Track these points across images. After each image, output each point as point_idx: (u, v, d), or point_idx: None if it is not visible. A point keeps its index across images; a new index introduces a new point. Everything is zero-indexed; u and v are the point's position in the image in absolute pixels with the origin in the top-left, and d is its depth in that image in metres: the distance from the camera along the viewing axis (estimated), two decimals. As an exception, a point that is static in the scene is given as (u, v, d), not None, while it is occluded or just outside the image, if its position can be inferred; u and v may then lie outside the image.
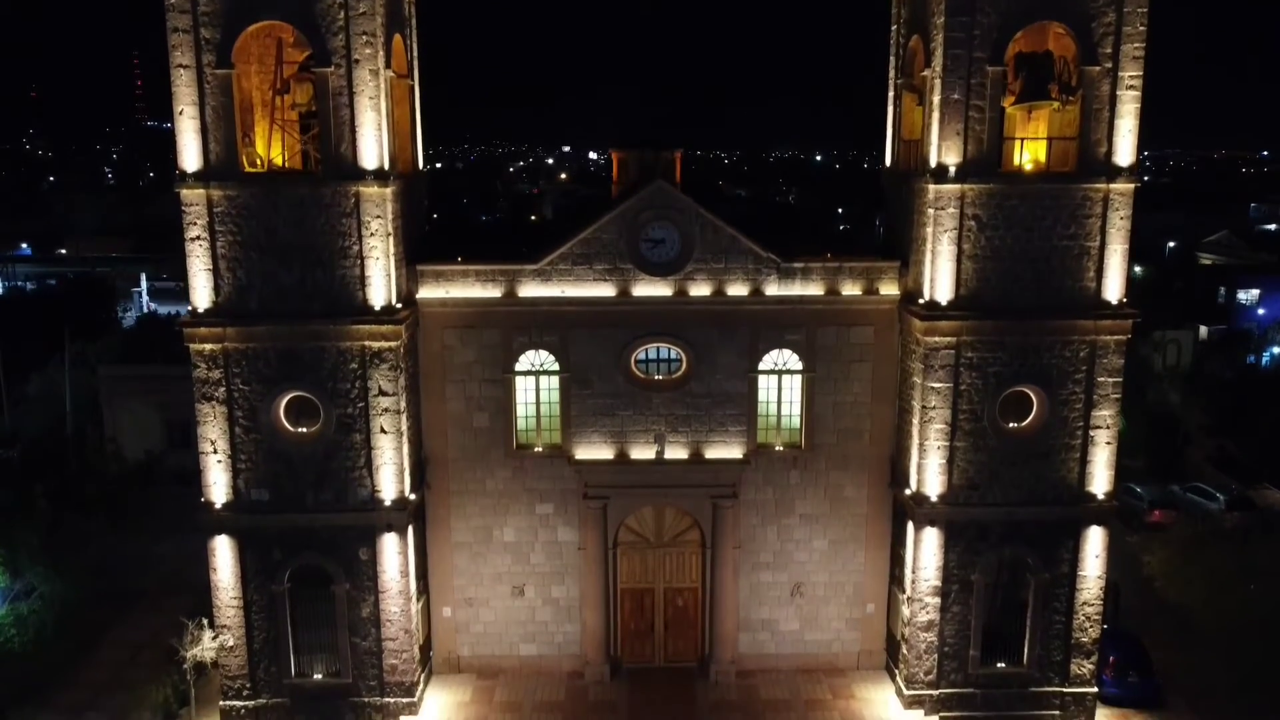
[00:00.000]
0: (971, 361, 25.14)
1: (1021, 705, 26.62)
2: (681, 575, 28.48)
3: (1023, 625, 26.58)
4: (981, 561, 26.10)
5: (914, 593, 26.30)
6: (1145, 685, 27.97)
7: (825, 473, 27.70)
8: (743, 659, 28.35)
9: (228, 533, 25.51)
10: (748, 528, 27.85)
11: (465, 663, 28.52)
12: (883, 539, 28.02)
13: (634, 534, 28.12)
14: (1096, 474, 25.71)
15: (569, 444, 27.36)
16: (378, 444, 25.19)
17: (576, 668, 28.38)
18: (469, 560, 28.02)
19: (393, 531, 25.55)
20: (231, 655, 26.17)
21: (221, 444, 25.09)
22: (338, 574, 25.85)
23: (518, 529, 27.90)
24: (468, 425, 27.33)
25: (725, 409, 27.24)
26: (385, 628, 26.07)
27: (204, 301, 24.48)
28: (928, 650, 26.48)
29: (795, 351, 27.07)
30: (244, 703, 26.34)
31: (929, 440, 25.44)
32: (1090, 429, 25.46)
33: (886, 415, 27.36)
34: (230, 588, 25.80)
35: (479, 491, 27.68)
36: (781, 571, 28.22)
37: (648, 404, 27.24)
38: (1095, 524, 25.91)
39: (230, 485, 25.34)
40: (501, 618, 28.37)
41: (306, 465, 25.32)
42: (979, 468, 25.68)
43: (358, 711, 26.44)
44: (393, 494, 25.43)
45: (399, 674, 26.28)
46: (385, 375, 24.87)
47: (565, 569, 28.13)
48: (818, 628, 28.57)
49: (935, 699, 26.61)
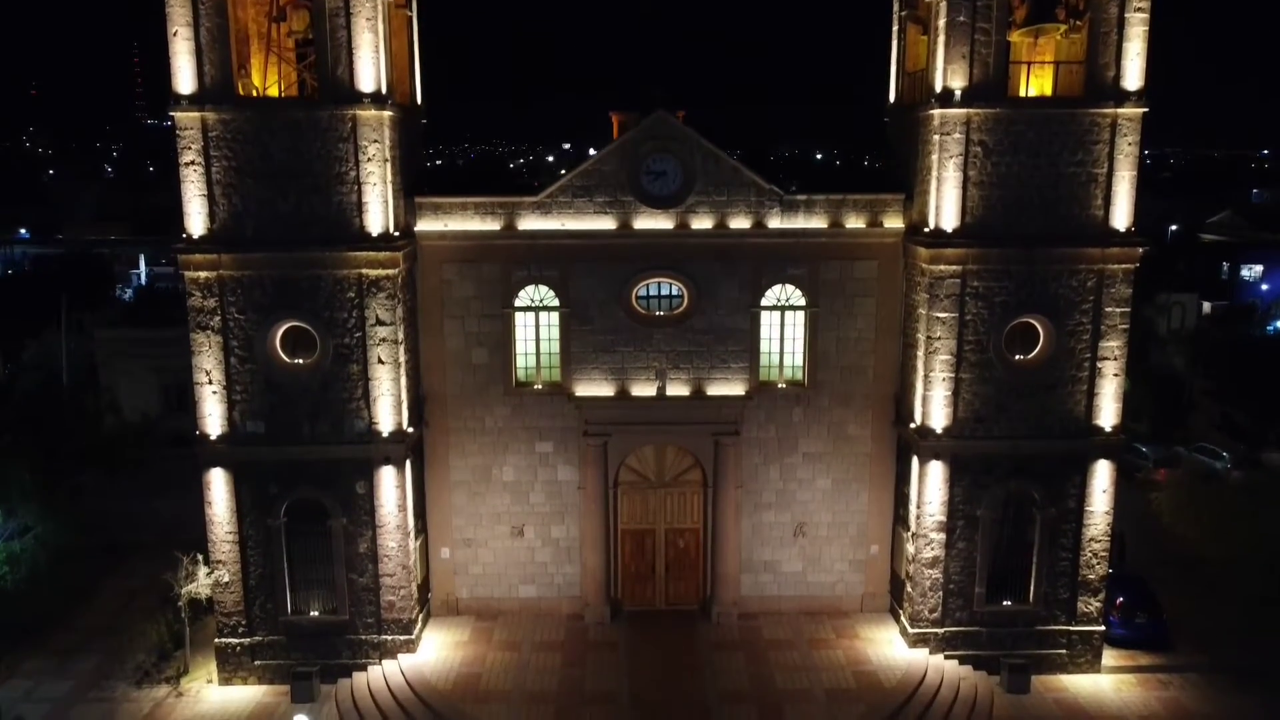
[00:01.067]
0: (977, 291, 24.78)
1: (1028, 644, 26.23)
2: (683, 516, 28.12)
3: (1029, 562, 26.21)
4: (987, 497, 25.73)
5: (919, 528, 25.94)
6: (1153, 626, 27.64)
7: (828, 410, 27.35)
8: (745, 601, 27.99)
9: (223, 466, 25.14)
10: (750, 467, 27.50)
11: (464, 605, 28.16)
12: (886, 479, 27.66)
13: (635, 474, 27.77)
14: (1104, 407, 25.34)
15: (569, 381, 27.02)
16: (375, 375, 24.83)
17: (576, 610, 28.02)
18: (468, 500, 27.67)
19: (390, 465, 25.19)
20: (227, 592, 25.80)
21: (216, 374, 24.74)
22: (334, 509, 25.49)
23: (517, 468, 27.55)
24: (466, 362, 26.99)
25: (727, 345, 26.89)
26: (383, 564, 25.71)
27: (199, 228, 24.13)
28: (932, 587, 26.11)
29: (798, 286, 26.73)
30: (240, 640, 25.97)
31: (934, 372, 25.08)
32: (1098, 360, 25.10)
33: (890, 352, 27.02)
34: (225, 522, 25.44)
35: (478, 429, 27.33)
36: (784, 511, 27.86)
37: (649, 340, 26.89)
38: (1102, 458, 25.55)
39: (225, 417, 24.98)
40: (500, 559, 28.01)
41: (303, 397, 24.96)
42: (985, 400, 25.32)
43: (355, 649, 26.07)
44: (390, 426, 25.08)
45: (396, 611, 25.92)
46: (383, 304, 24.52)
47: (565, 509, 27.77)
48: (821, 569, 28.20)
49: (940, 637, 26.24)
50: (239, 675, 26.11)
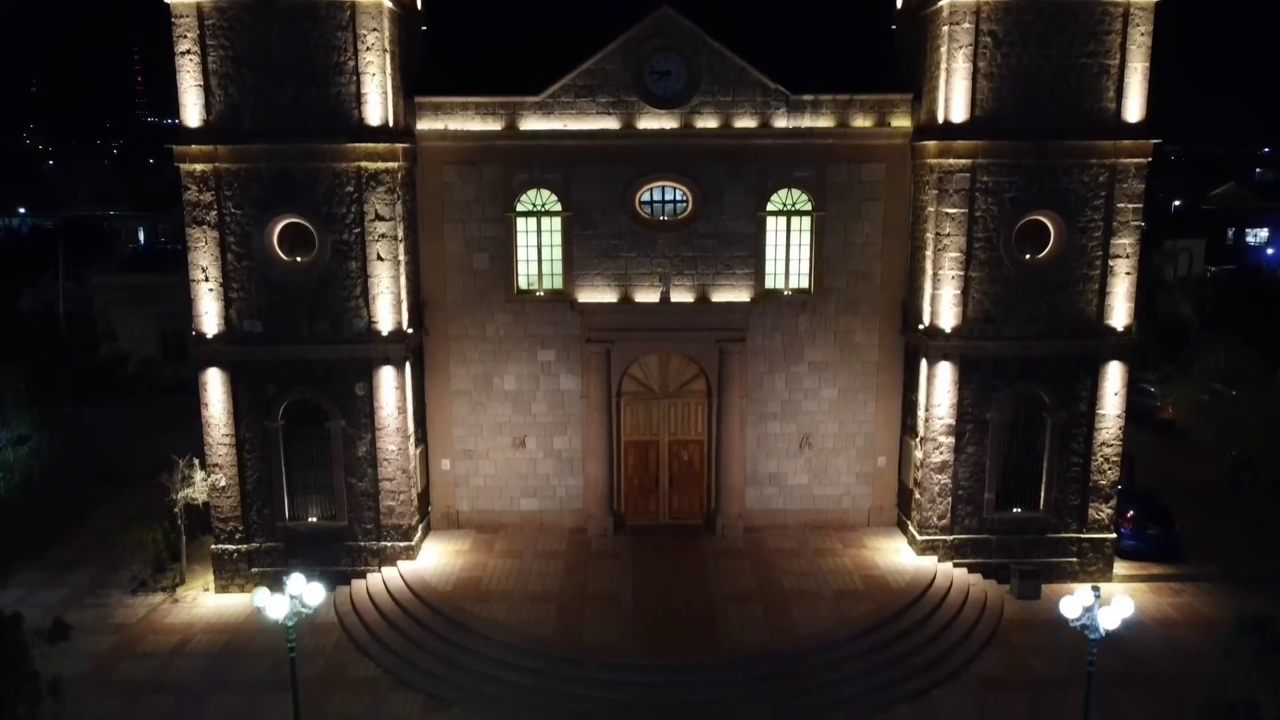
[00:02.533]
0: (987, 186, 24.35)
1: (1038, 552, 25.82)
2: (687, 428, 27.69)
3: (1039, 468, 25.79)
4: (997, 399, 25.30)
5: (927, 433, 25.51)
6: (1165, 537, 27.24)
7: (835, 318, 26.92)
8: (750, 514, 27.56)
9: (219, 366, 24.72)
10: (755, 376, 27.06)
11: (464, 518, 27.73)
12: (894, 388, 27.23)
13: (638, 384, 27.34)
14: (1116, 306, 24.91)
15: (571, 288, 26.59)
16: (374, 272, 24.40)
17: (579, 523, 27.58)
18: (468, 410, 27.24)
19: (390, 365, 24.77)
20: (223, 496, 25.38)
21: (213, 271, 24.31)
22: (333, 410, 25.06)
23: (519, 377, 27.12)
24: (467, 267, 26.56)
25: (732, 250, 26.46)
26: (382, 468, 25.28)
27: (194, 119, 23.70)
28: (941, 493, 25.68)
29: (804, 190, 26.29)
30: (237, 547, 25.55)
31: (943, 270, 24.65)
32: (1109, 259, 24.67)
33: (898, 258, 26.58)
34: (222, 425, 25.01)
35: (479, 337, 26.90)
36: (790, 422, 27.43)
37: (652, 245, 26.47)
38: (1114, 359, 25.11)
39: (222, 315, 24.56)
40: (502, 470, 27.57)
41: (300, 295, 24.53)
42: (994, 300, 24.89)
43: (354, 556, 25.65)
44: (390, 325, 24.65)
45: (396, 517, 25.49)
46: (382, 199, 24.09)
47: (568, 419, 27.34)
48: (827, 482, 27.76)
49: (949, 544, 25.81)
50: (236, 583, 25.69)
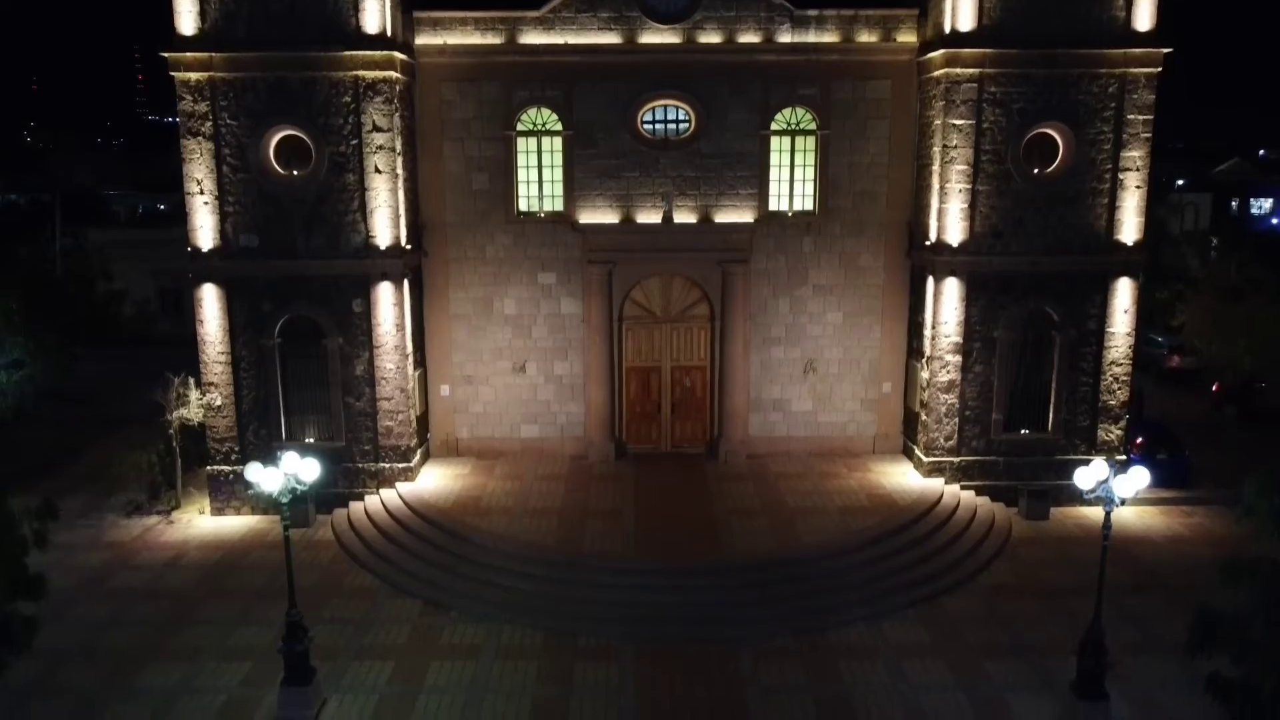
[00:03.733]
0: (995, 97, 23.95)
1: (1046, 474, 25.41)
2: (689, 353, 27.28)
3: (1047, 388, 25.40)
4: (1005, 317, 24.91)
5: (934, 352, 25.11)
6: (1175, 463, 26.82)
7: (840, 240, 26.51)
8: (753, 442, 27.15)
9: (215, 281, 24.34)
10: (758, 299, 26.66)
11: (464, 445, 27.33)
12: (900, 312, 26.83)
13: (640, 308, 26.94)
14: (1125, 221, 24.52)
15: (572, 209, 26.19)
16: (372, 185, 24.01)
17: (580, 450, 27.18)
18: (468, 334, 26.84)
19: (388, 281, 24.38)
20: (219, 416, 25.00)
21: (208, 184, 23.92)
22: (330, 328, 24.68)
23: (519, 300, 26.72)
24: (466, 187, 26.17)
25: (736, 170, 26.06)
26: (380, 386, 24.89)
27: (189, 27, 23.31)
28: (948, 413, 25.29)
29: (809, 108, 25.88)
30: (232, 468, 25.16)
31: (950, 183, 24.25)
32: (1119, 172, 24.27)
33: (904, 178, 26.18)
34: (217, 342, 24.63)
35: (478, 259, 26.51)
36: (794, 347, 27.02)
37: (655, 165, 26.06)
38: (1124, 275, 24.72)
39: (217, 230, 24.17)
40: (502, 396, 27.17)
41: (297, 209, 24.14)
42: (1002, 214, 24.49)
43: (351, 477, 25.26)
44: (388, 240, 24.26)
45: (394, 437, 25.11)
46: (380, 109, 23.70)
47: (569, 344, 26.94)
48: (832, 408, 27.36)
49: (956, 466, 25.41)
50: (231, 505, 25.33)
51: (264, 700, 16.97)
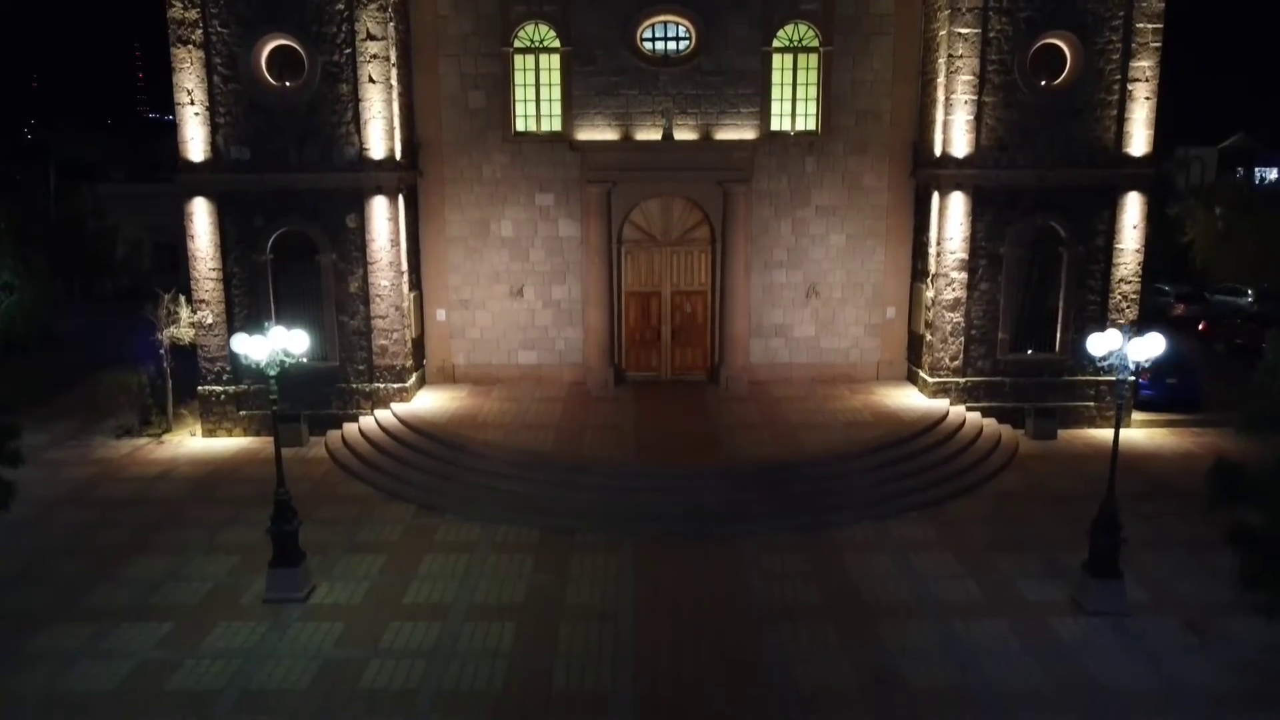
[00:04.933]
0: (1001, 5, 23.48)
1: (1053, 395, 24.94)
2: (690, 278, 26.79)
3: (1054, 306, 24.92)
4: (1011, 233, 24.43)
5: (939, 269, 24.63)
6: (1185, 387, 26.42)
7: (843, 159, 26.02)
8: (754, 369, 26.64)
9: (206, 195, 23.87)
10: (760, 221, 26.17)
11: (460, 372, 26.83)
12: (904, 234, 26.34)
13: (640, 231, 26.45)
14: (1135, 133, 24.04)
15: (570, 128, 25.69)
16: (366, 96, 23.53)
17: (578, 377, 26.68)
18: (464, 257, 26.35)
19: (382, 195, 23.90)
20: (210, 334, 24.53)
21: (199, 94, 23.45)
22: (323, 243, 24.21)
23: (516, 222, 26.23)
24: (463, 105, 25.67)
25: (738, 88, 25.55)
26: (375, 304, 24.42)
27: (180, -68, 22.86)
28: (954, 333, 24.81)
29: (811, 24, 25.38)
30: (224, 388, 24.70)
31: (955, 94, 23.77)
32: (1128, 83, 23.79)
33: (908, 96, 25.69)
34: (209, 258, 24.16)
35: (475, 180, 26.01)
36: (796, 270, 26.53)
37: (654, 83, 25.56)
38: (1133, 189, 24.24)
39: (208, 142, 23.70)
40: (499, 322, 26.68)
41: (290, 120, 23.67)
42: (1009, 126, 24.01)
43: (345, 398, 24.78)
44: (382, 153, 23.78)
45: (389, 356, 24.63)
46: (374, 17, 23.22)
47: (567, 267, 26.45)
48: (835, 334, 26.87)
49: (961, 387, 24.93)
50: (223, 426, 24.86)
51: (252, 586, 16.51)
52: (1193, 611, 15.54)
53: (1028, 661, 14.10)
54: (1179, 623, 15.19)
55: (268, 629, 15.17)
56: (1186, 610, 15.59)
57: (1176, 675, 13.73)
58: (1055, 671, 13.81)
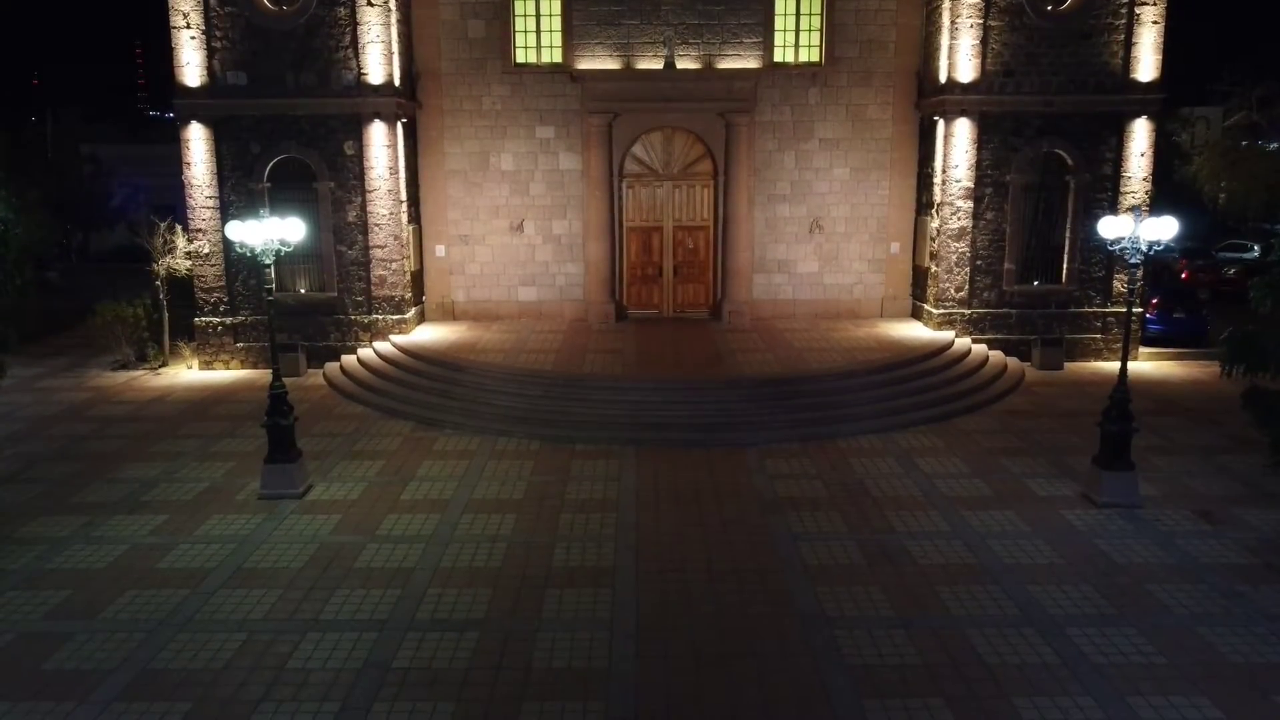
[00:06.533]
0: (1007, -73, 23.19)
1: (1060, 327, 24.62)
2: (692, 213, 26.48)
3: (1061, 236, 24.62)
4: (1017, 160, 24.13)
5: (944, 198, 24.33)
6: (1192, 321, 26.15)
7: (847, 90, 25.71)
8: (757, 305, 26.32)
9: (201, 120, 23.57)
10: (763, 153, 25.87)
11: (460, 309, 26.51)
12: (909, 167, 26.03)
13: (641, 165, 26.14)
14: (1142, 59, 23.72)
15: (571, 58, 25.38)
16: (363, 19, 23.24)
17: (579, 314, 26.36)
18: (464, 191, 26.04)
19: (380, 121, 23.61)
20: (207, 264, 24.24)
21: (195, 18, 23.16)
22: (321, 171, 23.92)
23: (516, 155, 25.92)
24: (462, 35, 25.36)
25: (740, 18, 25.24)
26: (373, 234, 24.12)
27: None
28: (959, 262, 24.50)
29: (814, -48, 25.11)
30: (221, 319, 24.42)
31: (961, 18, 23.46)
32: (1136, 6, 23.47)
33: (912, 24, 25.38)
34: (205, 186, 23.87)
35: (474, 111, 25.70)
36: (799, 204, 26.22)
37: (655, 12, 25.25)
38: (1141, 115, 23.93)
39: (204, 66, 23.40)
40: (499, 257, 26.37)
41: (286, 44, 23.37)
42: (1014, 51, 23.70)
43: (343, 330, 24.49)
44: (380, 78, 23.48)
45: (388, 287, 24.34)
46: (372, -62, 22.95)
47: (567, 201, 26.14)
48: (838, 269, 26.55)
49: (967, 319, 24.62)
50: (220, 359, 24.58)
51: (247, 485, 16.21)
52: (1205, 504, 15.23)
53: (1039, 543, 13.80)
54: (1191, 513, 14.87)
55: (263, 519, 14.89)
56: (1199, 503, 15.28)
57: (1190, 554, 13.43)
58: (1067, 552, 13.51)
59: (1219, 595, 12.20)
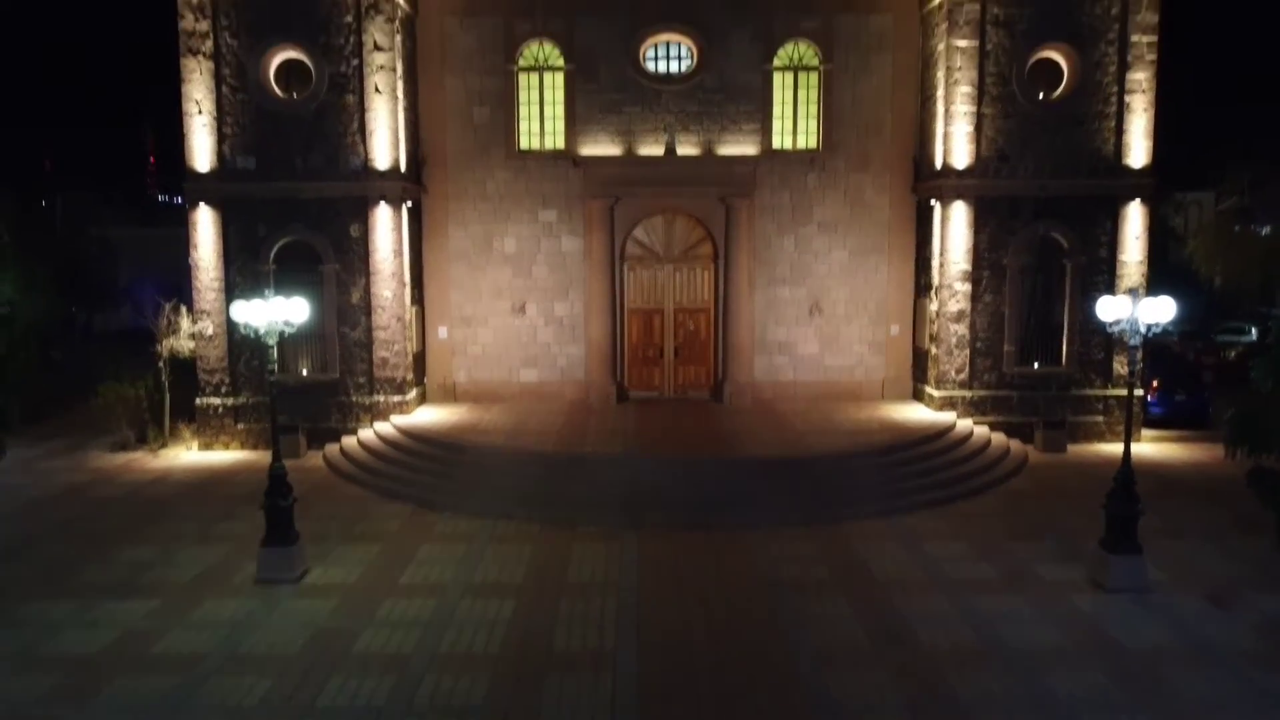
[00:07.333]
0: (998, 19, 23.86)
1: (1062, 409, 24.60)
2: (693, 295, 26.71)
3: (1060, 318, 24.77)
4: (1014, 243, 24.43)
5: (943, 280, 24.56)
6: (1194, 402, 26.16)
7: (845, 174, 26.17)
8: (759, 386, 26.36)
9: (210, 203, 23.93)
10: (763, 236, 26.20)
11: (461, 390, 26.55)
12: (906, 250, 26.34)
13: (642, 248, 26.47)
14: (1134, 144, 24.19)
15: (574, 144, 25.90)
16: (371, 105, 23.77)
17: (580, 395, 26.37)
18: (467, 273, 26.31)
19: (386, 203, 23.96)
20: (210, 346, 24.36)
21: (207, 104, 23.69)
22: (326, 252, 24.20)
23: (519, 238, 26.25)
24: (467, 121, 25.93)
25: (739, 105, 25.84)
26: (376, 315, 24.29)
27: (193, -53, 23.37)
28: (959, 344, 24.61)
29: (812, 42, 25.77)
30: (222, 400, 24.43)
31: (955, 105, 23.99)
32: (1126, 94, 24.04)
33: (908, 111, 25.96)
34: (211, 267, 24.13)
35: (478, 195, 26.12)
36: (799, 286, 26.46)
37: (657, 100, 25.84)
38: (1134, 199, 24.30)
39: (214, 151, 23.86)
40: (501, 338, 26.50)
41: (296, 128, 23.86)
42: (1009, 136, 24.19)
43: (344, 411, 24.48)
44: (387, 162, 23.92)
45: (390, 368, 24.40)
46: (381, 29, 23.60)
47: (569, 283, 26.39)
48: (839, 351, 26.66)
49: (968, 401, 24.62)
50: (220, 440, 24.53)
51: (244, 569, 16.00)
52: (1214, 587, 15.02)
53: (1047, 627, 13.57)
54: (1201, 596, 14.66)
55: (258, 604, 14.66)
56: (1208, 586, 15.07)
57: (1202, 638, 13.19)
58: (1076, 635, 13.28)
59: (1232, 680, 11.96)
